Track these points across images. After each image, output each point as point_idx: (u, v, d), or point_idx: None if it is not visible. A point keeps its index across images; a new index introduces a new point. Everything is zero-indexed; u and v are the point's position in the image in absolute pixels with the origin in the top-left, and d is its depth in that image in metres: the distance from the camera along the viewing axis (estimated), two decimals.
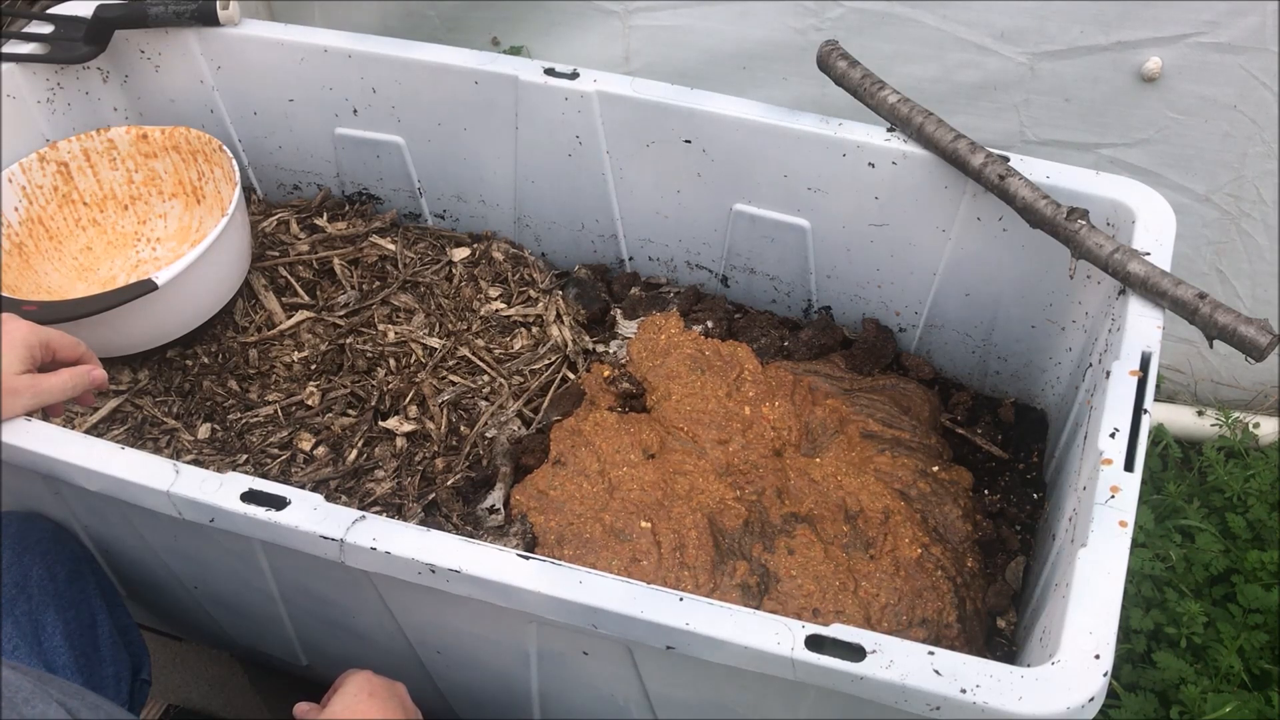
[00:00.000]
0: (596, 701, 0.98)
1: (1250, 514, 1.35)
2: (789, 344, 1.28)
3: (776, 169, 1.19)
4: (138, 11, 1.30)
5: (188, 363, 1.24)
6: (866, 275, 1.25)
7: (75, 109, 1.36)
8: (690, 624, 0.79)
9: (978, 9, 1.37)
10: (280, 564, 0.98)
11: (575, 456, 1.14)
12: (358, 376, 1.23)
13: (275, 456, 1.15)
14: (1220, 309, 0.94)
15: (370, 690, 0.85)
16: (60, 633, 0.99)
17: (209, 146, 1.29)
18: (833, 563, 1.05)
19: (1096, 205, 1.05)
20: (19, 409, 0.93)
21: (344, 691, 0.86)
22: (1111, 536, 0.82)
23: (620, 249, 1.36)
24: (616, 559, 1.05)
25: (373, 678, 0.87)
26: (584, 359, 1.27)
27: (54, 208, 1.31)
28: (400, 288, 1.32)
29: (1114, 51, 1.34)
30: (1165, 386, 1.57)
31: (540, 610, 0.83)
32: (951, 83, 1.43)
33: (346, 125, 1.35)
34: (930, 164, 1.12)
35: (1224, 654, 1.22)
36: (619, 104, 1.21)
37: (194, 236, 1.34)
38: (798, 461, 1.15)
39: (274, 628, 1.12)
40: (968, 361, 1.28)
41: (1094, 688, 0.74)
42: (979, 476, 1.18)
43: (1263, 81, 1.31)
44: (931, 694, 0.74)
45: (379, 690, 0.86)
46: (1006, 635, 1.05)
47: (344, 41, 1.28)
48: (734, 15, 1.48)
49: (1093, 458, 0.89)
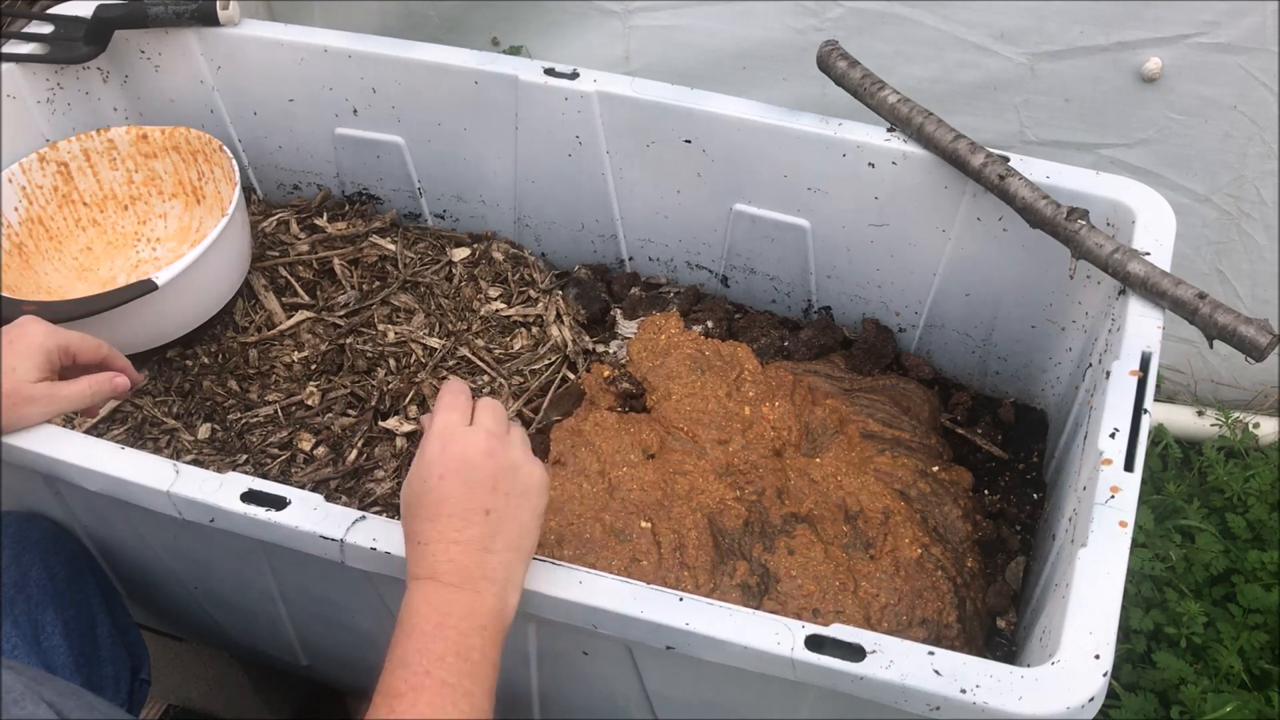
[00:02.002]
0: (596, 701, 0.98)
1: (1250, 514, 1.35)
2: (789, 344, 1.28)
3: (776, 169, 1.19)
4: (138, 11, 1.30)
5: (188, 363, 1.24)
6: (866, 275, 1.25)
7: (75, 109, 1.36)
8: (690, 624, 0.79)
9: (978, 9, 1.37)
10: (280, 564, 0.98)
11: (575, 456, 1.14)
12: (358, 376, 1.23)
13: (275, 456, 1.15)
14: (1220, 309, 0.94)
15: (441, 472, 0.77)
16: (59, 632, 0.99)
17: (209, 146, 1.29)
18: (833, 563, 1.05)
19: (1096, 205, 1.05)
20: (36, 418, 0.91)
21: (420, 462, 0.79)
22: (1111, 536, 0.82)
23: (620, 249, 1.36)
24: (616, 559, 1.05)
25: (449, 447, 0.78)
26: (584, 359, 1.27)
27: (54, 208, 1.31)
28: (400, 288, 1.32)
29: (1114, 51, 1.34)
30: (1165, 386, 1.57)
31: (540, 610, 0.83)
32: (951, 83, 1.43)
33: (346, 125, 1.35)
34: (930, 164, 1.12)
35: (1224, 654, 1.22)
36: (619, 104, 1.21)
37: (194, 236, 1.34)
38: (798, 461, 1.15)
39: (274, 628, 1.12)
40: (968, 361, 1.28)
41: (1094, 688, 0.74)
42: (979, 476, 1.18)
43: (1263, 81, 1.31)
44: (931, 694, 0.74)
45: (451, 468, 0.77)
46: (1006, 635, 1.05)
47: (344, 41, 1.28)
48: (734, 15, 1.48)
49: (1093, 458, 0.89)
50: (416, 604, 0.73)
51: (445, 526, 0.76)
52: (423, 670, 0.69)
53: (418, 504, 0.77)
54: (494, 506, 0.77)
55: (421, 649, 0.71)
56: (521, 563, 0.78)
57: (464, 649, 0.71)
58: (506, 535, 0.77)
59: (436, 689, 0.69)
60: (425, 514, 0.77)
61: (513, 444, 0.81)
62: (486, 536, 0.76)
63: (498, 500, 0.77)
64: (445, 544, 0.75)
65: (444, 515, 0.76)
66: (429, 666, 0.70)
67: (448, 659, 0.70)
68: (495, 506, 0.77)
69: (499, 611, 0.75)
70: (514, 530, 0.78)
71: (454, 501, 0.76)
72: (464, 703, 0.69)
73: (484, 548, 0.76)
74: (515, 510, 0.78)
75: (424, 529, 0.76)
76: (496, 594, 0.75)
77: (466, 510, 0.76)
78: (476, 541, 0.76)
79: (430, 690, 0.69)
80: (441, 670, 0.70)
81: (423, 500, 0.77)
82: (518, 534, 0.78)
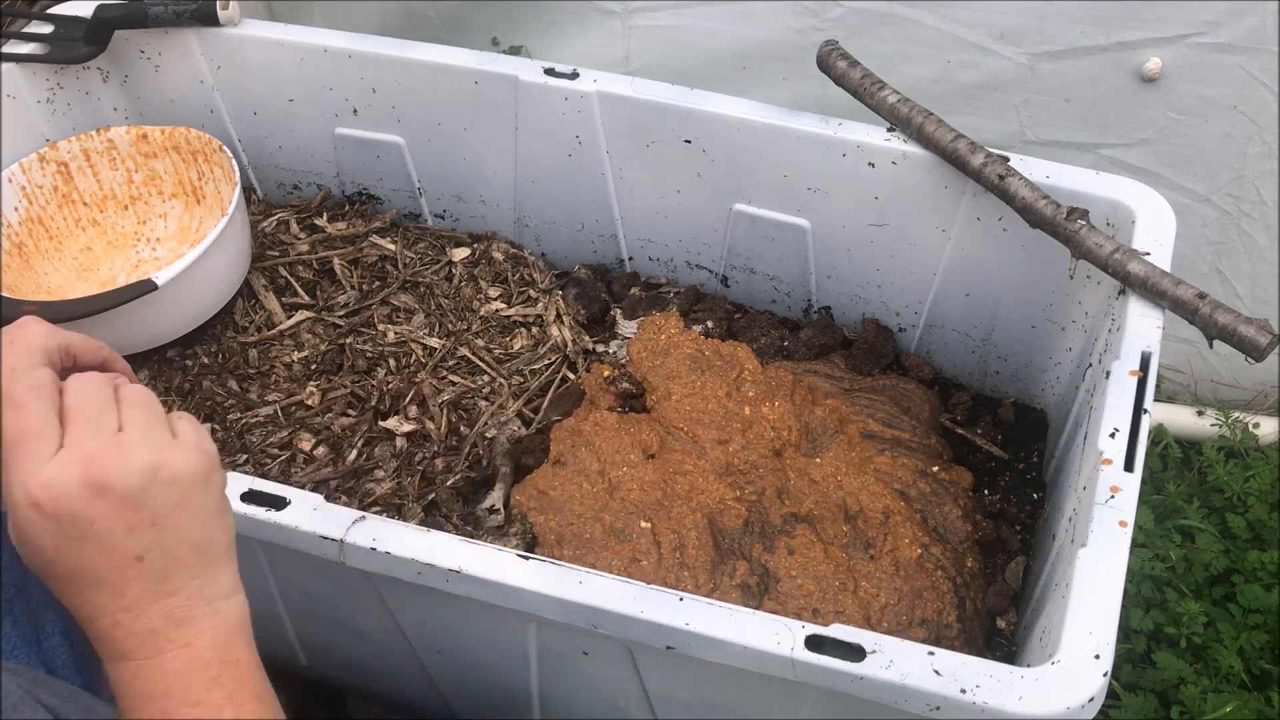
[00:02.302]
0: (596, 701, 0.98)
1: (1250, 514, 1.35)
2: (789, 344, 1.28)
3: (776, 169, 1.20)
4: (138, 11, 1.30)
5: (188, 363, 1.24)
6: (866, 275, 1.25)
7: (75, 109, 1.36)
8: (690, 624, 0.79)
9: (978, 9, 1.37)
10: (280, 564, 0.98)
11: (575, 456, 1.14)
12: (358, 376, 1.23)
13: (275, 456, 1.15)
14: (1220, 309, 0.94)
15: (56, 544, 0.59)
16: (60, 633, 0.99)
17: (209, 146, 1.30)
18: (833, 563, 1.05)
19: (1096, 205, 1.05)
20: None
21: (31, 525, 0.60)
22: (1111, 536, 0.82)
23: (620, 249, 1.36)
24: (616, 559, 1.05)
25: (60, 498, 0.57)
26: (584, 359, 1.27)
27: (54, 208, 1.31)
28: (400, 288, 1.32)
29: (1114, 51, 1.34)
30: (1165, 386, 1.57)
31: (540, 610, 0.83)
32: (951, 83, 1.43)
33: (346, 125, 1.35)
34: (930, 164, 1.12)
35: (1224, 654, 1.22)
36: (619, 104, 1.21)
37: (194, 236, 1.34)
38: (798, 461, 1.15)
39: (274, 628, 1.12)
40: (968, 361, 1.28)
41: (1094, 688, 0.74)
42: (979, 476, 1.18)
43: (1263, 81, 1.31)
44: (931, 694, 0.74)
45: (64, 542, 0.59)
46: (1006, 635, 1.05)
47: (344, 41, 1.28)
48: (734, 15, 1.48)
49: (1093, 458, 0.89)
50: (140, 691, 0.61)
51: (95, 599, 0.60)
52: None
53: (44, 574, 0.61)
54: (144, 549, 0.60)
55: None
56: (223, 567, 0.64)
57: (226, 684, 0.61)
58: (182, 564, 0.61)
59: None
60: (60, 589, 0.61)
61: (130, 447, 0.60)
62: (156, 584, 0.60)
63: (144, 539, 0.60)
64: (111, 622, 0.60)
65: (87, 588, 0.59)
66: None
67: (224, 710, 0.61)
68: (145, 548, 0.60)
69: (227, 629, 0.63)
70: (185, 551, 0.61)
71: (86, 573, 0.59)
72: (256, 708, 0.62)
73: (164, 594, 0.61)
74: (176, 529, 0.61)
75: (74, 604, 0.61)
76: (212, 623, 0.62)
77: (109, 574, 0.59)
78: (147, 598, 0.60)
79: None
80: None
81: (48, 574, 0.60)
82: (194, 551, 0.62)
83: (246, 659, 0.63)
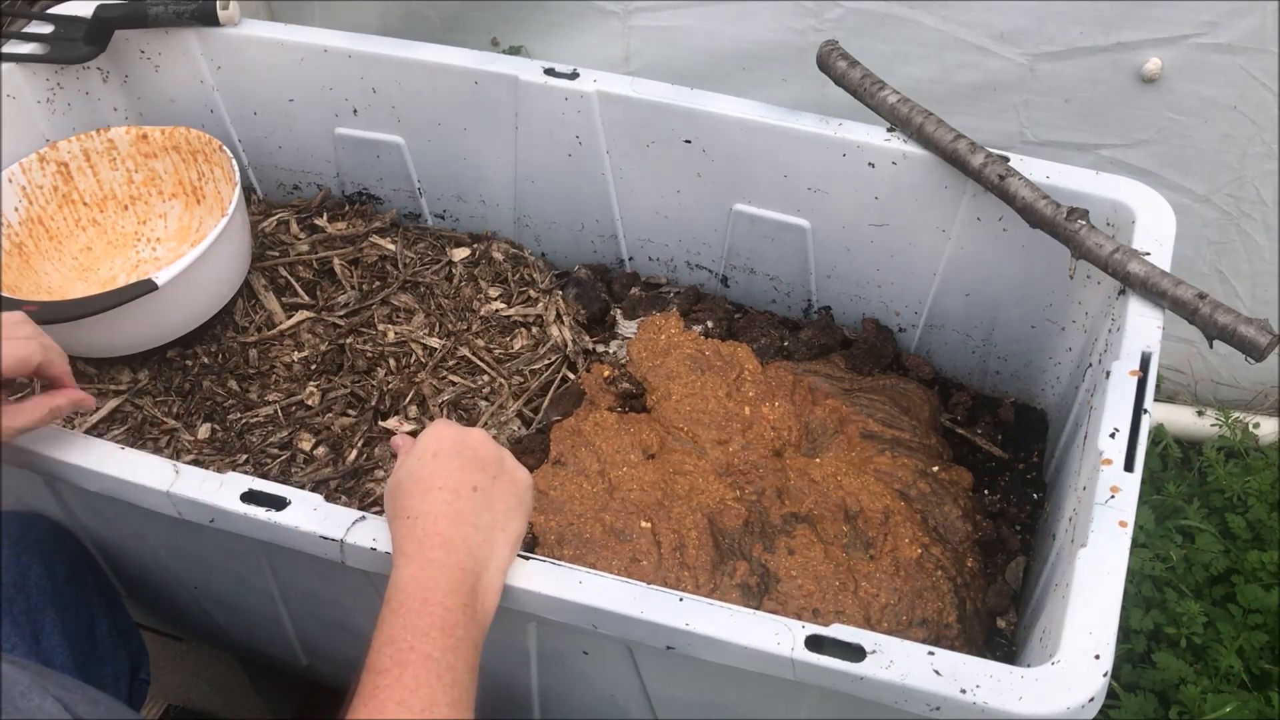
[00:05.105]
0: (596, 701, 0.98)
1: (1250, 514, 1.35)
2: (789, 344, 1.28)
3: (776, 169, 1.20)
4: (138, 11, 1.30)
5: (188, 363, 1.24)
6: (866, 275, 1.25)
7: (75, 109, 1.36)
8: (690, 624, 0.79)
9: (978, 9, 1.37)
10: (280, 564, 0.98)
11: (575, 456, 1.14)
12: (358, 376, 1.23)
13: (275, 456, 1.15)
14: (1220, 309, 0.94)
15: (435, 449, 0.82)
16: (59, 632, 0.99)
17: (209, 146, 1.29)
18: (833, 563, 1.05)
19: (1096, 205, 1.05)
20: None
21: (412, 452, 0.83)
22: (1111, 536, 0.82)
23: (620, 249, 1.36)
24: (616, 559, 1.05)
25: (443, 432, 0.83)
26: (584, 359, 1.27)
27: (54, 208, 1.31)
28: (400, 288, 1.32)
29: (1114, 52, 1.34)
30: (1165, 386, 1.57)
31: (540, 610, 0.83)
32: (951, 83, 1.43)
33: (346, 125, 1.35)
34: (930, 164, 1.12)
35: (1224, 654, 1.22)
36: (619, 104, 1.21)
37: (194, 236, 1.34)
38: (798, 461, 1.15)
39: (274, 628, 1.12)
40: (968, 361, 1.28)
41: (1094, 688, 0.74)
42: (979, 476, 1.18)
43: (1263, 82, 1.31)
44: (931, 694, 0.74)
45: (446, 447, 0.82)
46: (1006, 635, 1.05)
47: (344, 41, 1.28)
48: (734, 15, 1.48)
49: (1093, 458, 0.89)
50: (403, 581, 0.75)
51: (435, 500, 0.78)
52: (407, 645, 0.70)
53: (410, 480, 0.80)
54: (481, 485, 0.80)
55: (407, 625, 0.72)
56: (506, 545, 0.81)
57: (448, 625, 0.72)
58: (492, 513, 0.80)
59: (420, 663, 0.70)
60: (418, 489, 0.80)
61: (503, 448, 0.85)
62: (473, 511, 0.79)
63: (485, 479, 0.81)
64: (434, 517, 0.77)
65: (435, 489, 0.79)
66: (414, 642, 0.71)
67: (432, 634, 0.71)
68: (482, 485, 0.80)
69: (482, 591, 0.77)
70: (499, 510, 0.81)
71: (445, 475, 0.80)
72: (447, 676, 0.70)
73: (471, 523, 0.78)
74: (502, 492, 0.82)
75: (414, 504, 0.79)
76: (480, 573, 0.77)
77: (456, 484, 0.79)
78: (464, 516, 0.78)
79: (414, 665, 0.70)
80: (426, 645, 0.71)
81: (416, 476, 0.80)
82: (503, 515, 0.81)
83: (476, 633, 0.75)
